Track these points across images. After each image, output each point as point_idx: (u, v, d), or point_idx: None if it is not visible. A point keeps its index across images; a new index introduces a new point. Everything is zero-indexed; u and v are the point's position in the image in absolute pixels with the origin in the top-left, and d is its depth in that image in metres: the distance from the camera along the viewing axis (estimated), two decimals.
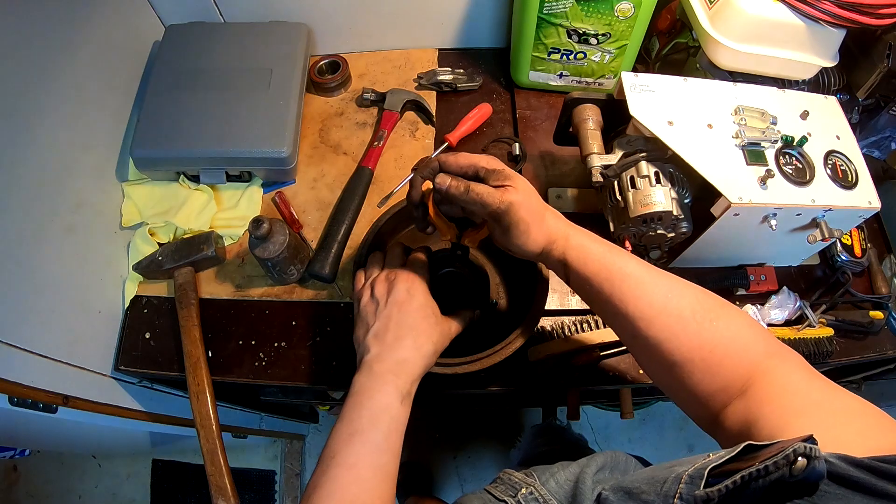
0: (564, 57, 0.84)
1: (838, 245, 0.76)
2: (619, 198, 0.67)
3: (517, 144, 0.86)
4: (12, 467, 1.57)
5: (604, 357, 0.71)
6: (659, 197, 0.63)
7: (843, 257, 0.75)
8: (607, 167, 0.67)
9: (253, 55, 0.85)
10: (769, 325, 0.72)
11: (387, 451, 0.47)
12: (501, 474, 0.49)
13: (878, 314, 0.73)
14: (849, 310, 0.76)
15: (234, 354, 0.73)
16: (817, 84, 0.74)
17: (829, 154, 0.64)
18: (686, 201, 0.65)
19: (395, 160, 0.86)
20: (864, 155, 0.66)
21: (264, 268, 0.72)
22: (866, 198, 0.63)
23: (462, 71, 0.93)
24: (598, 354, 0.71)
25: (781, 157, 0.62)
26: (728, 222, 0.61)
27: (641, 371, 0.71)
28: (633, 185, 0.65)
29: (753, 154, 0.62)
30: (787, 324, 0.73)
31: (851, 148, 0.66)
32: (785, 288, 0.74)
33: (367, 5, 0.90)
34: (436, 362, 0.55)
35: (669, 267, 0.74)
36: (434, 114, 0.90)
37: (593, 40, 0.80)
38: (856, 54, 0.73)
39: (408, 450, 1.30)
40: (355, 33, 0.95)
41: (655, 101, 0.63)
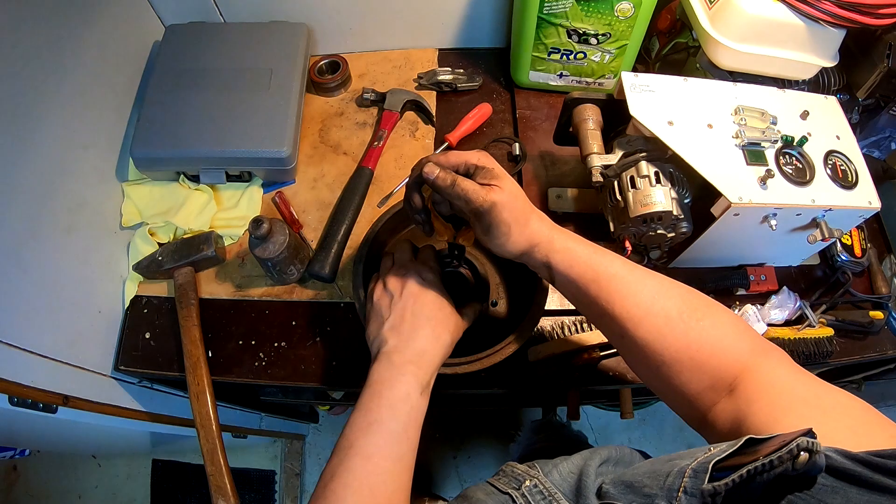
0: (564, 57, 0.84)
1: (838, 245, 0.76)
2: (619, 198, 0.67)
3: (517, 144, 0.86)
4: (12, 467, 1.57)
5: (604, 357, 0.71)
6: (659, 197, 0.63)
7: (843, 257, 0.75)
8: (607, 167, 0.67)
9: (253, 55, 0.85)
10: (769, 324, 0.72)
11: (405, 442, 0.46)
12: (504, 467, 0.49)
13: (878, 314, 0.73)
14: (849, 310, 0.76)
15: (234, 354, 0.73)
16: (817, 84, 0.74)
17: (829, 154, 0.64)
18: (686, 201, 0.65)
19: (395, 160, 0.86)
20: (864, 155, 0.66)
21: (264, 268, 0.72)
22: (866, 198, 0.63)
23: (462, 71, 0.93)
24: (598, 354, 0.71)
25: (781, 157, 0.62)
26: (728, 222, 0.61)
27: None
28: (633, 185, 0.65)
29: (753, 154, 0.62)
30: (787, 324, 0.73)
31: (851, 148, 0.66)
32: (785, 288, 0.74)
33: (367, 5, 0.90)
34: None
35: (669, 267, 0.74)
36: (434, 114, 0.90)
37: (593, 40, 0.80)
38: (856, 54, 0.73)
39: None
40: (355, 33, 0.95)
41: (655, 101, 0.63)
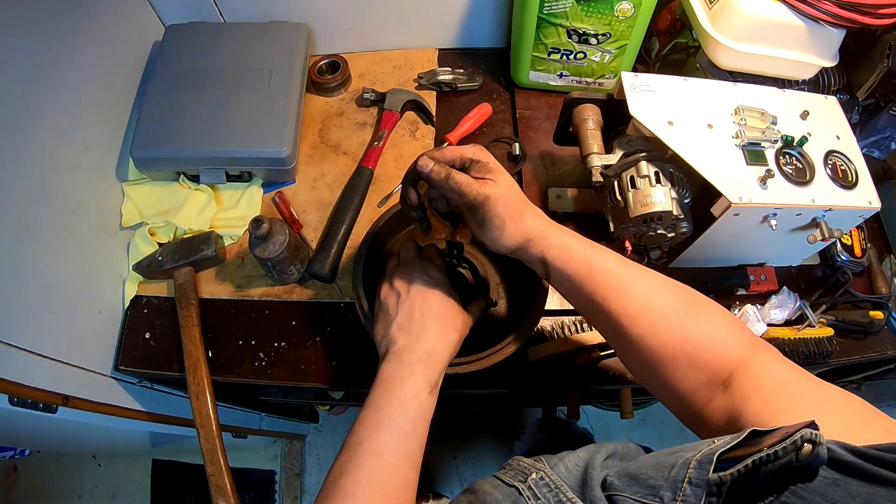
0: (564, 57, 0.84)
1: (838, 245, 0.76)
2: (619, 198, 0.67)
3: (517, 144, 0.86)
4: (12, 467, 1.57)
5: (604, 357, 0.71)
6: (659, 197, 0.63)
7: (843, 257, 0.75)
8: (607, 167, 0.67)
9: (253, 55, 0.85)
10: (769, 324, 0.72)
11: (413, 440, 0.47)
12: (511, 461, 0.49)
13: (878, 314, 0.73)
14: (849, 310, 0.76)
15: (234, 354, 0.73)
16: (817, 84, 0.74)
17: (829, 154, 0.64)
18: (686, 201, 0.65)
19: (395, 160, 0.86)
20: (864, 155, 0.66)
21: (264, 268, 0.72)
22: (866, 198, 0.63)
23: (462, 71, 0.93)
24: (598, 354, 0.71)
25: (781, 157, 0.62)
26: (728, 222, 0.61)
27: None
28: (633, 185, 0.65)
29: (753, 154, 0.62)
30: (787, 324, 0.73)
31: (851, 148, 0.66)
32: (785, 288, 0.74)
33: (367, 5, 0.90)
34: None
35: (669, 267, 0.74)
36: (434, 114, 0.90)
37: (593, 40, 0.80)
38: (856, 54, 0.73)
39: None
40: (355, 33, 0.95)
41: (655, 101, 0.63)
